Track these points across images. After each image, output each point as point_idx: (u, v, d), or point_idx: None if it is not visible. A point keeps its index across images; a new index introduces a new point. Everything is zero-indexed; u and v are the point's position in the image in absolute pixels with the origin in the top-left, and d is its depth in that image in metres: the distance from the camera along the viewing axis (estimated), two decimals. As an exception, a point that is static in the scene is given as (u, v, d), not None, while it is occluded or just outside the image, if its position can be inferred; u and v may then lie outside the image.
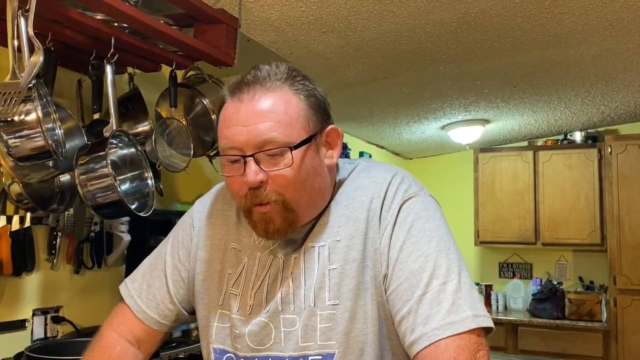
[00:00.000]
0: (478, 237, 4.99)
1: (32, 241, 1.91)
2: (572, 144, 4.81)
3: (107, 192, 1.62)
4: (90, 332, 1.83)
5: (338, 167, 1.07)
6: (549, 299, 4.55)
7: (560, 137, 4.90)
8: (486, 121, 4.34)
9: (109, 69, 1.72)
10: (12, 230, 1.83)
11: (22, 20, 1.34)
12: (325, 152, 1.00)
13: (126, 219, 2.14)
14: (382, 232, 0.97)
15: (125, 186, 1.80)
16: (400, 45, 2.54)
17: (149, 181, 1.83)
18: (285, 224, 0.96)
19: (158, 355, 1.93)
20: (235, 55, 2.00)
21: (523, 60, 2.94)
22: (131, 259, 2.26)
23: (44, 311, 1.97)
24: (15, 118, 1.36)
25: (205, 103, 2.11)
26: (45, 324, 1.97)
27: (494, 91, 3.56)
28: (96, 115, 1.84)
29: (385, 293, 0.96)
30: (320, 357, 0.95)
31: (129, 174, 1.83)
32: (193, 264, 1.10)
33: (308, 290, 0.97)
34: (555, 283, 4.71)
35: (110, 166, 1.61)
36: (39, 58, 1.34)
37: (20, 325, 1.89)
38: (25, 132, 1.38)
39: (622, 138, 4.46)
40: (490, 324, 0.92)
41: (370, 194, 1.00)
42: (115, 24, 1.66)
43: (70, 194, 1.82)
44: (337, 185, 1.04)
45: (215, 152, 2.20)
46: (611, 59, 3.04)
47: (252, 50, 2.33)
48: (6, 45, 1.38)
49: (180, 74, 2.09)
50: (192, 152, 2.02)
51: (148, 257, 1.19)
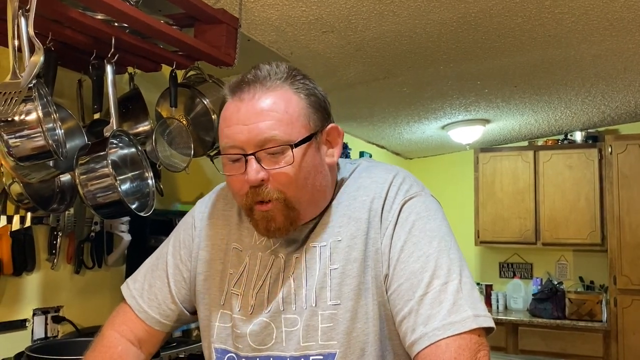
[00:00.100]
0: (478, 237, 4.99)
1: (33, 241, 1.91)
2: (573, 144, 4.81)
3: (108, 192, 1.62)
4: (90, 332, 1.84)
5: (339, 167, 1.07)
6: (549, 298, 4.54)
7: (561, 137, 4.90)
8: (486, 121, 4.34)
9: (109, 69, 1.72)
10: (13, 230, 1.83)
11: (23, 20, 1.34)
12: (326, 151, 1.00)
13: (126, 218, 2.14)
14: (384, 232, 0.97)
15: (125, 186, 1.80)
16: (401, 45, 2.54)
17: (150, 181, 1.83)
18: (287, 222, 0.96)
19: (158, 355, 1.93)
20: (236, 55, 2.01)
21: (523, 60, 2.94)
22: (131, 258, 2.26)
23: (45, 311, 1.97)
24: (16, 118, 1.36)
25: (205, 103, 2.11)
26: (46, 324, 1.97)
27: (494, 91, 3.56)
28: (96, 115, 1.84)
29: (387, 293, 0.96)
30: (321, 357, 0.95)
31: (130, 174, 1.83)
32: (194, 264, 1.10)
33: (309, 290, 0.97)
34: (556, 283, 4.71)
35: (110, 166, 1.61)
36: (39, 58, 1.34)
37: (20, 325, 1.89)
38: (25, 132, 1.38)
39: (623, 138, 4.46)
40: (491, 324, 0.91)
41: (371, 194, 1.00)
42: (116, 24, 1.66)
43: (71, 193, 1.82)
44: (339, 185, 1.04)
45: (215, 152, 2.21)
46: (611, 58, 3.03)
47: (253, 50, 2.33)
48: (6, 45, 1.39)
49: (180, 73, 2.10)
50: (193, 152, 2.02)
51: (149, 258, 1.19)
